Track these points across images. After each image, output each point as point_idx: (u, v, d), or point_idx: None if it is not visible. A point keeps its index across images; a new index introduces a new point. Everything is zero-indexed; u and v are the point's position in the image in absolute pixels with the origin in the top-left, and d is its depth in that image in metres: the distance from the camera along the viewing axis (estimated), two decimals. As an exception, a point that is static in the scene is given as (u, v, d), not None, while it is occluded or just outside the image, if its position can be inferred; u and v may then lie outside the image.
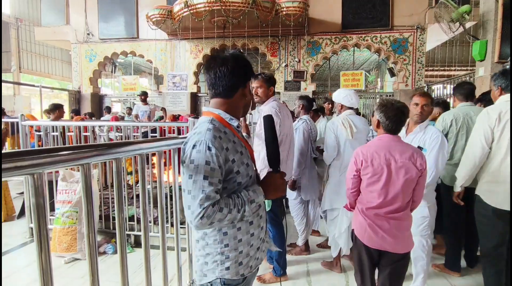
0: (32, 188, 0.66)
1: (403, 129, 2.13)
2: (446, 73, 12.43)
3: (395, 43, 7.76)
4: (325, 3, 7.86)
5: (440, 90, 6.55)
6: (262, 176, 1.20)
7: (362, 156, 1.65)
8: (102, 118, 7.80)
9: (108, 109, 8.42)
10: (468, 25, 6.08)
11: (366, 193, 1.67)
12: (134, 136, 3.72)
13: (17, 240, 3.41)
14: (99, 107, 9.72)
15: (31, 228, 3.53)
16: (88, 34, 9.05)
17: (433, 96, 6.93)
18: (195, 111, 8.96)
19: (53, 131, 3.33)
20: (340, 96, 2.58)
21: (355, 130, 2.43)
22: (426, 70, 9.39)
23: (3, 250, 3.18)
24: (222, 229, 1.11)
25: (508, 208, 1.83)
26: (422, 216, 2.10)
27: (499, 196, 1.87)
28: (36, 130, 3.39)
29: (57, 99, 14.82)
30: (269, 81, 2.42)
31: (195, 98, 9.03)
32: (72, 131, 3.30)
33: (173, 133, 3.32)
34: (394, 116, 1.61)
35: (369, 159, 1.62)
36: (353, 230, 1.77)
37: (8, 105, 10.55)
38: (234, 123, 1.14)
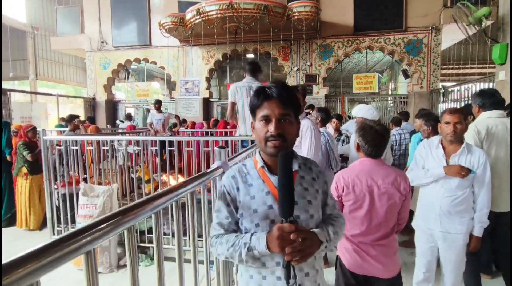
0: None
1: (440, 150, 1.98)
2: (461, 71, 12.13)
3: (409, 44, 7.62)
4: (337, 6, 7.78)
5: (459, 91, 6.38)
6: None
7: (343, 182, 1.58)
8: (121, 126, 7.87)
9: (129, 117, 8.51)
10: (486, 24, 5.92)
11: (349, 219, 1.59)
12: (152, 151, 3.76)
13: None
14: (113, 113, 9.89)
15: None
16: (102, 42, 9.22)
17: (450, 98, 6.78)
18: (208, 117, 9.02)
19: (73, 145, 3.40)
20: (362, 110, 2.61)
21: None
22: (441, 69, 9.19)
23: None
24: (241, 271, 1.08)
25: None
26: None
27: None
28: (57, 145, 3.47)
29: (73, 105, 15.18)
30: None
31: (207, 104, 9.09)
32: (91, 145, 3.37)
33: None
34: (372, 140, 1.56)
35: (350, 185, 1.56)
36: (337, 256, 1.71)
37: (26, 112, 10.86)
38: (252, 164, 1.08)
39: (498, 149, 2.19)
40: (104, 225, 0.66)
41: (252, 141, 3.13)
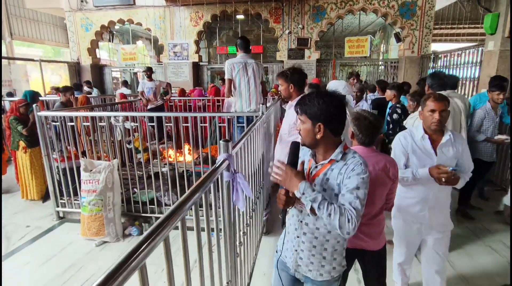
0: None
1: (427, 142, 1.94)
2: (454, 31, 12.01)
3: (403, 7, 7.46)
4: (331, -36, 7.41)
5: (448, 58, 6.44)
6: None
7: None
8: (118, 91, 7.61)
9: (125, 83, 8.23)
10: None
11: None
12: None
13: (46, 223, 3.68)
14: (100, 78, 9.61)
15: (57, 212, 3.79)
16: (82, 1, 8.65)
17: (439, 64, 6.85)
18: (198, 81, 8.88)
19: (69, 121, 3.42)
20: (339, 87, 2.71)
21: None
22: (433, 29, 9.09)
23: (35, 233, 3.45)
24: None
25: None
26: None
27: None
28: (52, 121, 3.48)
29: (54, 67, 14.51)
30: (288, 78, 2.42)
31: (197, 68, 8.90)
32: (88, 120, 3.40)
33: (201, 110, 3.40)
34: (366, 130, 1.69)
35: None
36: None
37: (5, 75, 10.36)
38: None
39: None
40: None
41: (248, 118, 3.22)
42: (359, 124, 1.70)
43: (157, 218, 3.55)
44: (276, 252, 1.59)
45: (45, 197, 4.22)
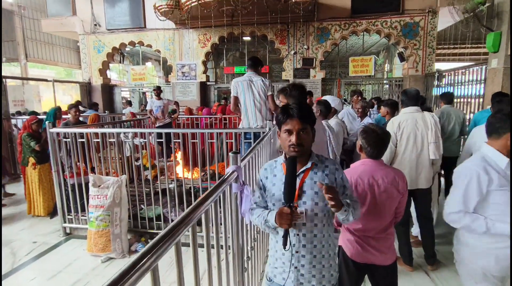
0: None
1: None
2: (457, 51, 12.17)
3: (406, 27, 7.63)
4: (334, -12, 7.69)
5: (452, 76, 6.50)
6: None
7: None
8: (126, 110, 7.84)
9: (129, 103, 8.48)
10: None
11: None
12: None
13: (53, 239, 3.68)
14: (109, 98, 9.85)
15: (64, 228, 3.80)
16: (95, 25, 9.03)
17: (444, 82, 6.91)
18: (205, 100, 9.05)
19: (80, 138, 3.50)
20: (334, 103, 2.83)
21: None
22: (436, 49, 9.23)
23: (42, 249, 3.45)
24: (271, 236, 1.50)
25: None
26: None
27: None
28: (64, 137, 3.56)
29: (65, 87, 14.93)
30: (288, 94, 2.45)
31: (204, 87, 9.09)
32: (98, 137, 3.48)
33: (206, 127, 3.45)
34: (374, 143, 1.71)
35: (353, 185, 1.70)
36: (339, 246, 1.85)
37: (18, 95, 10.70)
38: (281, 161, 1.44)
39: (407, 140, 2.67)
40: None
41: (255, 134, 3.27)
42: (367, 137, 1.72)
43: (163, 234, 3.54)
44: (267, 280, 1.52)
45: (52, 213, 4.24)
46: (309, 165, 1.36)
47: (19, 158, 4.34)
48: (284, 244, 1.25)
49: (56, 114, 4.57)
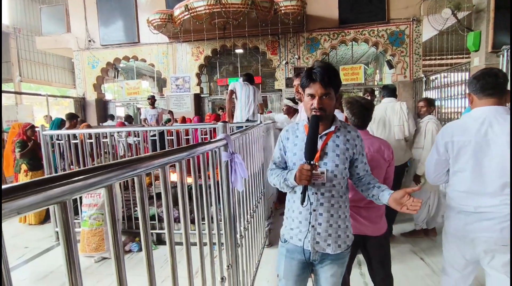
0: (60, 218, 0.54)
1: None
2: (443, 61, 12.56)
3: (392, 35, 7.91)
4: (322, 0, 8.00)
5: (439, 79, 6.69)
6: None
7: None
8: (105, 124, 7.94)
9: (112, 117, 8.57)
10: (461, 15, 6.24)
11: None
12: (145, 145, 3.90)
13: (45, 244, 3.62)
14: (104, 113, 9.89)
15: (57, 232, 3.74)
16: (90, 41, 9.21)
17: (431, 86, 7.10)
18: (199, 112, 9.14)
19: (74, 139, 3.51)
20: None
21: None
22: (424, 60, 9.52)
23: (33, 253, 3.38)
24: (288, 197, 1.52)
25: None
26: None
27: None
28: (57, 139, 3.57)
29: (59, 107, 14.98)
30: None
31: (198, 99, 9.20)
32: (91, 138, 3.49)
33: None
34: (358, 113, 1.78)
35: None
36: None
37: (12, 115, 10.71)
38: (303, 123, 1.48)
39: (378, 125, 3.24)
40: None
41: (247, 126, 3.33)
42: (351, 107, 1.78)
43: (158, 233, 3.51)
44: (283, 241, 1.54)
45: (45, 219, 4.18)
46: (332, 128, 1.40)
47: (6, 167, 4.33)
48: (303, 201, 1.30)
49: (60, 124, 4.60)
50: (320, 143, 1.38)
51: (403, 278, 2.57)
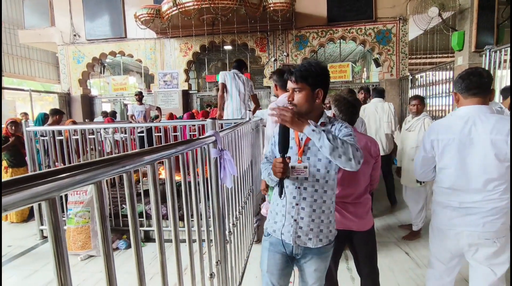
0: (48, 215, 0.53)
1: None
2: (428, 60, 12.83)
3: (379, 34, 8.02)
4: (311, -3, 8.04)
5: (424, 78, 6.84)
6: None
7: None
8: (95, 120, 7.79)
9: (105, 114, 8.33)
10: (446, 15, 6.37)
11: None
12: (132, 138, 3.86)
13: (29, 242, 3.54)
14: (89, 109, 9.70)
15: (41, 230, 3.66)
16: (75, 35, 8.98)
17: (416, 84, 7.25)
18: (187, 109, 9.06)
19: (59, 135, 3.44)
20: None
21: None
22: (410, 59, 9.70)
23: (17, 252, 3.31)
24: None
25: None
26: None
27: None
28: (41, 135, 3.49)
29: (43, 102, 14.58)
30: (273, 79, 2.65)
31: (186, 96, 9.12)
32: (77, 134, 3.43)
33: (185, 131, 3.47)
34: (346, 110, 1.81)
35: None
36: None
37: (-7, 110, 10.40)
38: None
39: (369, 119, 3.90)
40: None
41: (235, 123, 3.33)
42: (339, 105, 1.81)
43: (146, 231, 3.48)
44: (266, 235, 1.57)
45: (28, 216, 4.09)
46: (318, 124, 1.38)
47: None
48: (280, 193, 1.36)
49: (44, 119, 4.48)
50: (304, 138, 1.40)
51: (389, 272, 2.63)
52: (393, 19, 7.92)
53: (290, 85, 1.39)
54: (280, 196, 1.36)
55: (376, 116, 3.91)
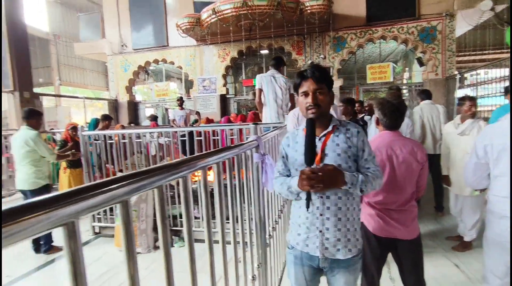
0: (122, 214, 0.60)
1: None
2: (478, 57, 11.90)
3: (423, 32, 7.62)
4: (349, -3, 7.87)
5: (475, 76, 6.37)
6: None
7: None
8: (142, 123, 8.21)
9: (153, 118, 8.75)
10: (499, 8, 5.90)
11: None
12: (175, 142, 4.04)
13: (82, 238, 3.85)
14: (134, 114, 10.33)
15: (93, 227, 3.97)
16: (122, 45, 9.64)
17: (465, 83, 6.77)
18: (225, 112, 9.29)
19: (110, 139, 3.72)
20: None
21: None
22: (457, 57, 9.11)
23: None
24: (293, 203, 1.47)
25: None
26: None
27: None
28: (95, 139, 3.80)
29: (93, 108, 15.76)
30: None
31: (224, 100, 9.36)
32: (126, 139, 3.68)
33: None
34: (390, 113, 1.72)
35: None
36: (361, 222, 1.75)
37: (52, 116, 11.47)
38: (302, 127, 1.43)
39: (428, 122, 3.97)
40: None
41: (274, 127, 3.36)
42: (383, 109, 1.75)
43: (178, 230, 3.63)
44: (290, 248, 1.48)
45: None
46: (330, 128, 1.37)
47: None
48: (307, 206, 1.30)
49: (96, 124, 4.88)
50: (320, 144, 1.35)
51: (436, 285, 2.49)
52: (438, 15, 7.48)
53: (309, 86, 1.32)
54: (308, 209, 1.30)
55: (430, 118, 4.02)
